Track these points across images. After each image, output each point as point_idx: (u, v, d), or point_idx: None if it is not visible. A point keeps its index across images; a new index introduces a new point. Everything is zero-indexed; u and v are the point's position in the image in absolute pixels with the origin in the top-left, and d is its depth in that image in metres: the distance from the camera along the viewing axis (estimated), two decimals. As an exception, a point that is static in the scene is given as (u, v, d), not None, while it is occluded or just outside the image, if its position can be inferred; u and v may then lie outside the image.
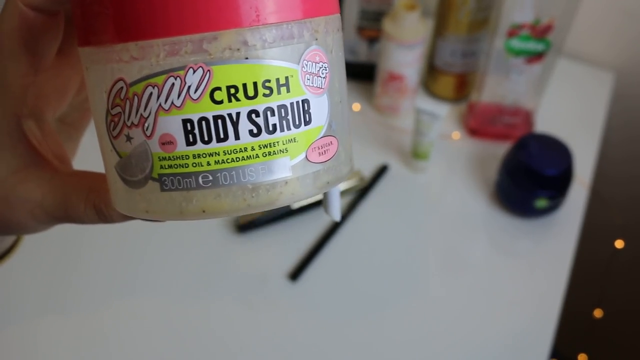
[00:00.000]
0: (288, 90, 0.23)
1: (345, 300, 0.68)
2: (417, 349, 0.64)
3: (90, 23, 0.24)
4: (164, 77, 0.23)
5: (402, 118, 0.87)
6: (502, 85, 0.80)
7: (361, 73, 0.90)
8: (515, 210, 0.76)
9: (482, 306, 0.68)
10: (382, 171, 0.80)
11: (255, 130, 0.23)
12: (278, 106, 0.23)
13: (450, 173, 0.82)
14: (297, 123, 0.24)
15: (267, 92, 0.23)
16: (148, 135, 0.23)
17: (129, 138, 0.24)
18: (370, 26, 0.86)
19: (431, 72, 0.91)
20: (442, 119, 0.75)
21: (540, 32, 0.73)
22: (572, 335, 0.95)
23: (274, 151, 0.24)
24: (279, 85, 0.23)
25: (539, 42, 0.74)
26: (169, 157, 0.23)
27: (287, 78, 0.23)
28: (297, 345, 0.64)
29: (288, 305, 0.67)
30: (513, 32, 0.74)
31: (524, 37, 0.74)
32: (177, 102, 0.23)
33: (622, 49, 0.96)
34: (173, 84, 0.23)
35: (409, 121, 0.84)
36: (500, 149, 0.82)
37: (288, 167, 0.24)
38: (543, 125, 0.85)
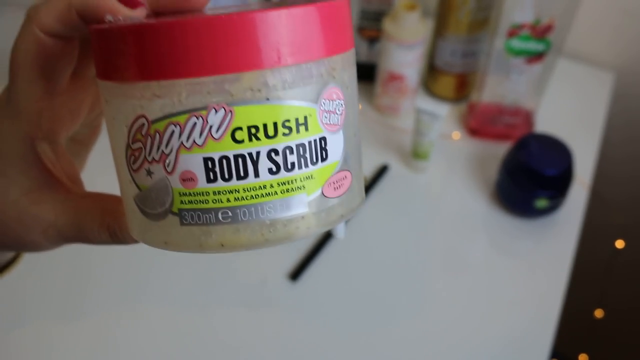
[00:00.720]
0: (307, 129, 0.24)
1: (346, 300, 0.68)
2: (417, 348, 0.64)
3: (112, 59, 0.24)
4: (186, 116, 0.23)
5: (402, 118, 0.87)
6: (502, 85, 0.80)
7: (361, 73, 0.90)
8: (515, 210, 0.76)
9: (482, 306, 0.68)
10: (382, 171, 0.80)
11: (274, 169, 0.24)
12: (297, 145, 0.24)
13: (450, 173, 0.82)
14: (314, 160, 0.24)
15: (287, 131, 0.23)
16: (169, 171, 0.24)
17: (149, 173, 0.24)
18: (371, 26, 0.86)
19: (431, 72, 0.91)
20: (442, 119, 0.75)
21: (540, 32, 0.73)
22: (572, 335, 0.95)
23: (291, 188, 0.24)
24: (298, 125, 0.24)
25: (539, 42, 0.74)
26: (190, 193, 0.24)
27: (305, 117, 0.24)
28: (298, 345, 0.64)
29: (288, 306, 0.67)
30: (513, 32, 0.74)
31: (524, 37, 0.74)
32: (199, 141, 0.23)
33: (622, 49, 0.96)
34: (195, 123, 0.23)
35: (409, 121, 0.84)
36: (500, 149, 0.82)
37: (305, 203, 0.25)
38: (543, 125, 0.85)
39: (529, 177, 0.72)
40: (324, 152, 0.25)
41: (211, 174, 0.23)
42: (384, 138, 0.84)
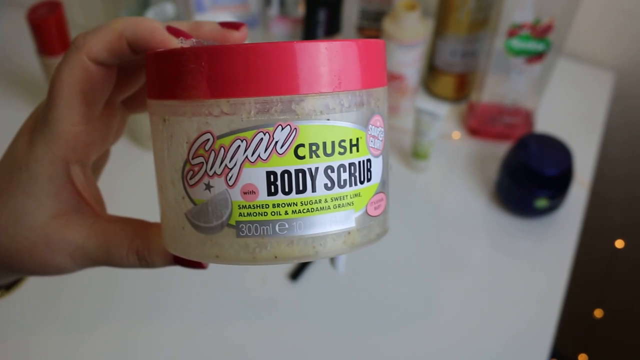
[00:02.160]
0: (357, 150, 0.26)
1: (345, 300, 0.68)
2: (417, 348, 0.64)
3: (181, 78, 0.26)
4: (253, 132, 0.25)
5: (402, 118, 0.87)
6: (502, 85, 0.80)
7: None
8: (515, 210, 0.76)
9: (482, 306, 0.68)
10: (382, 171, 0.80)
11: (329, 184, 0.26)
12: (349, 164, 0.26)
13: (450, 173, 0.82)
14: (362, 180, 0.27)
15: (342, 150, 0.26)
16: (230, 184, 0.25)
17: (208, 187, 0.25)
18: (371, 26, 0.86)
19: (431, 72, 0.91)
20: (442, 119, 0.75)
21: (540, 32, 0.73)
22: (572, 335, 0.95)
23: (343, 204, 0.26)
24: (351, 145, 0.26)
25: (539, 42, 0.74)
26: (250, 205, 0.25)
27: (357, 139, 0.26)
28: (297, 345, 0.64)
29: (288, 306, 0.67)
30: (513, 32, 0.74)
31: (524, 37, 0.74)
32: (264, 156, 0.25)
33: (622, 49, 0.96)
34: (262, 139, 0.25)
35: (409, 121, 0.84)
36: (500, 149, 0.82)
37: (353, 219, 0.27)
38: (543, 125, 0.85)
39: (529, 177, 0.72)
40: (369, 173, 0.27)
41: (272, 187, 0.25)
42: (384, 138, 0.84)
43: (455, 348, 0.64)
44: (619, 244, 0.89)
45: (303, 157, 0.25)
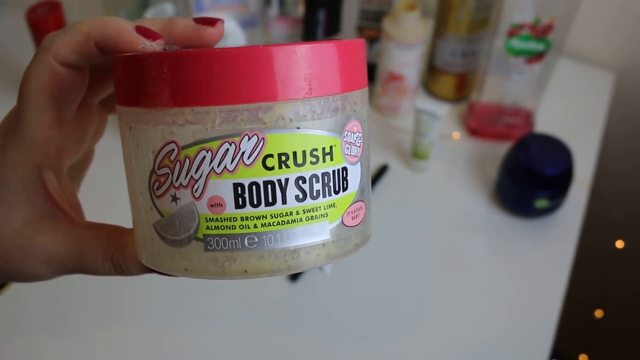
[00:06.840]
0: (331, 159, 0.25)
1: (345, 300, 0.68)
2: (417, 348, 0.64)
3: (144, 85, 0.24)
4: (219, 142, 0.24)
5: (402, 118, 0.87)
6: (502, 85, 0.80)
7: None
8: (515, 211, 0.76)
9: (482, 306, 0.68)
10: (382, 171, 0.80)
11: (301, 196, 0.24)
12: (322, 173, 0.25)
13: (450, 173, 0.82)
14: (336, 189, 0.25)
15: (314, 160, 0.24)
16: (197, 197, 0.24)
17: (174, 198, 0.25)
18: (370, 26, 0.86)
19: (431, 72, 0.91)
20: (442, 119, 0.75)
21: (540, 32, 0.73)
22: (572, 335, 0.95)
23: (316, 215, 0.25)
24: (324, 154, 0.25)
25: (539, 42, 0.74)
26: (217, 218, 0.24)
27: (331, 147, 0.25)
28: (297, 346, 0.64)
29: (288, 306, 0.67)
30: (513, 32, 0.74)
31: (524, 37, 0.74)
32: (230, 167, 0.24)
33: (622, 49, 0.96)
34: (227, 149, 0.24)
35: (409, 121, 0.84)
36: (500, 149, 0.82)
37: (327, 231, 0.25)
38: (543, 125, 0.85)
39: (529, 177, 0.72)
40: (345, 182, 0.26)
41: (240, 199, 0.24)
42: (384, 138, 0.84)
43: (456, 348, 0.64)
44: (619, 244, 0.89)
45: (272, 168, 0.24)
